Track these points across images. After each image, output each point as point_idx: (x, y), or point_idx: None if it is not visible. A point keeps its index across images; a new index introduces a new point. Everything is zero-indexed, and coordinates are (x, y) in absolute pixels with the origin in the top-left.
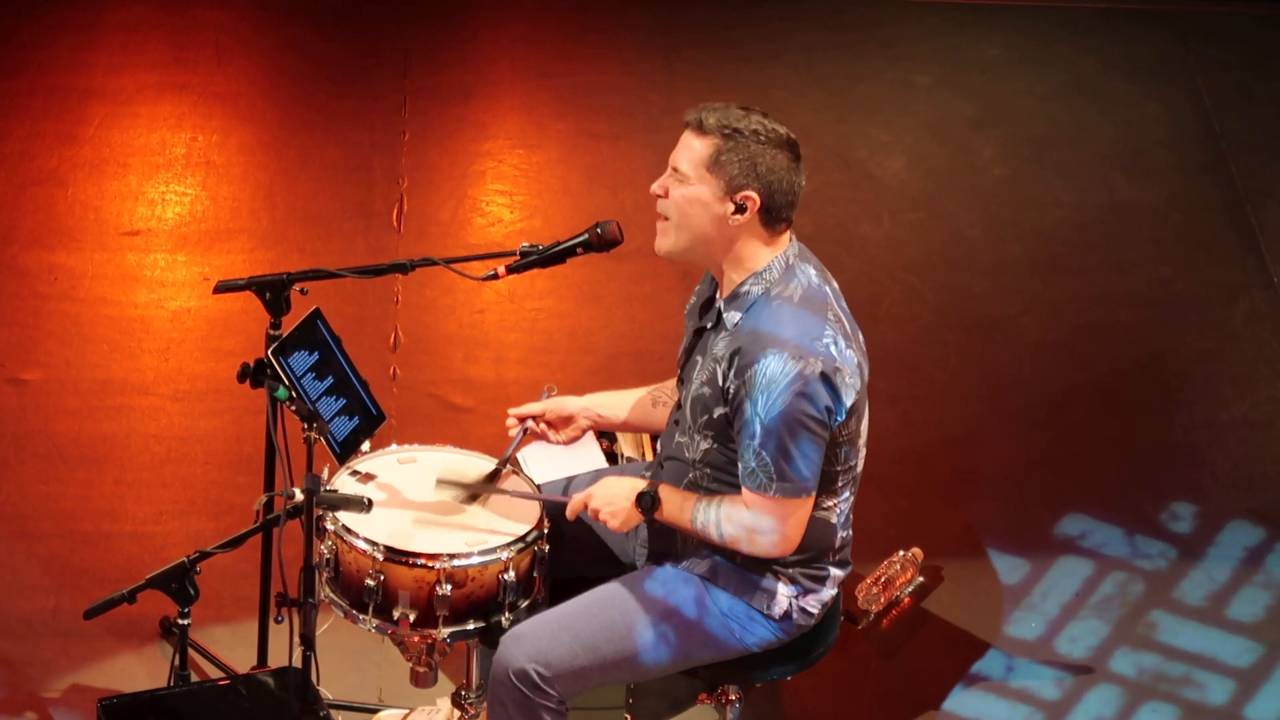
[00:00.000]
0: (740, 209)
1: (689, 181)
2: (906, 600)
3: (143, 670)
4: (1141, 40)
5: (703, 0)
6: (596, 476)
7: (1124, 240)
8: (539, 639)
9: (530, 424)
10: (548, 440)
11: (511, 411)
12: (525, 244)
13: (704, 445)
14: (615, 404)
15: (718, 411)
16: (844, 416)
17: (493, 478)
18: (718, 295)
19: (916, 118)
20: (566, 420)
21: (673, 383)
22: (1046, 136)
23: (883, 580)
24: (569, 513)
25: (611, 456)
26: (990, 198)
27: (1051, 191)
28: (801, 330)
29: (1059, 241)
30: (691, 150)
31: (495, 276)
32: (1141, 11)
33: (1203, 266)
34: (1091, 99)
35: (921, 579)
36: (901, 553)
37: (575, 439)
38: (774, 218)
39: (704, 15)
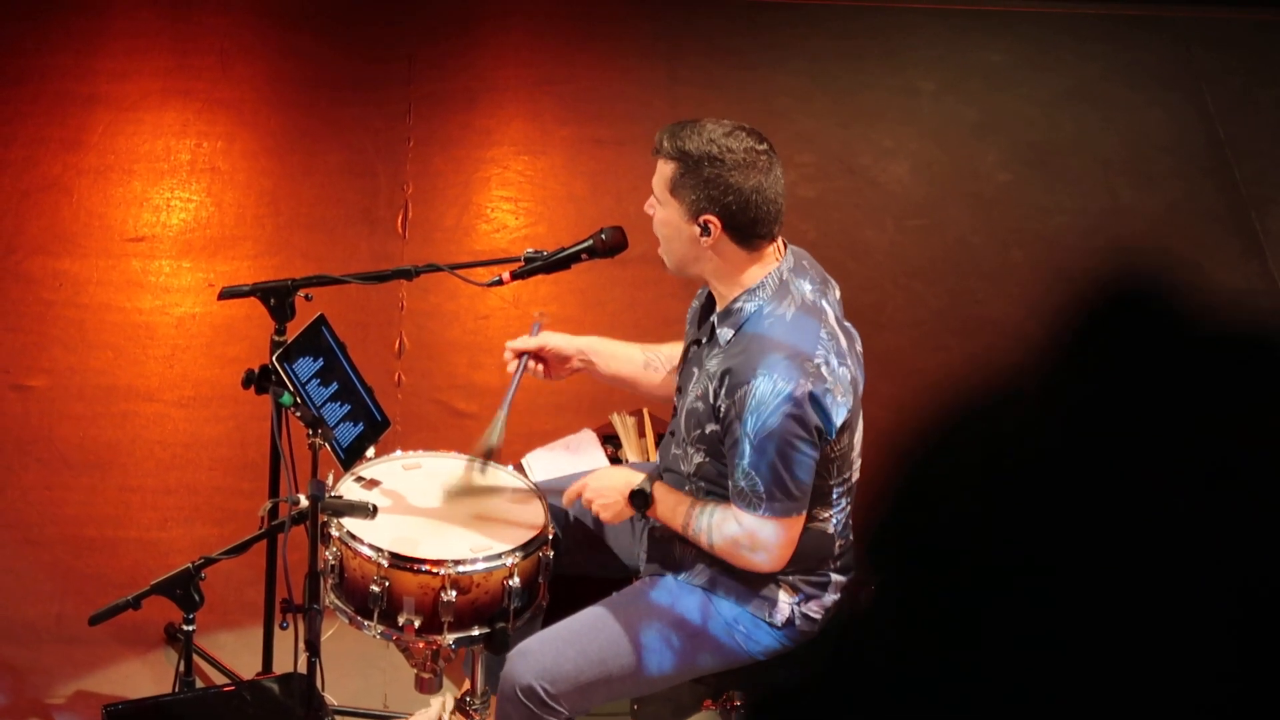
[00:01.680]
0: (705, 231)
1: (660, 204)
2: None
3: (147, 676)
4: (1144, 46)
5: (706, 7)
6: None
7: (1127, 246)
8: (545, 655)
9: (528, 360)
10: (539, 377)
11: (509, 345)
12: (530, 250)
13: (697, 459)
14: (609, 353)
15: (709, 428)
16: (834, 435)
17: (498, 424)
18: (715, 309)
19: (920, 124)
20: (562, 360)
21: (665, 348)
22: (1049, 142)
23: None
24: (565, 499)
25: (616, 462)
26: (993, 204)
27: (1054, 197)
28: (793, 350)
29: (1062, 247)
30: (658, 174)
31: (500, 282)
32: (1144, 17)
33: (1206, 272)
34: (1094, 105)
35: None
36: None
37: (566, 376)
38: (745, 235)
39: (707, 22)
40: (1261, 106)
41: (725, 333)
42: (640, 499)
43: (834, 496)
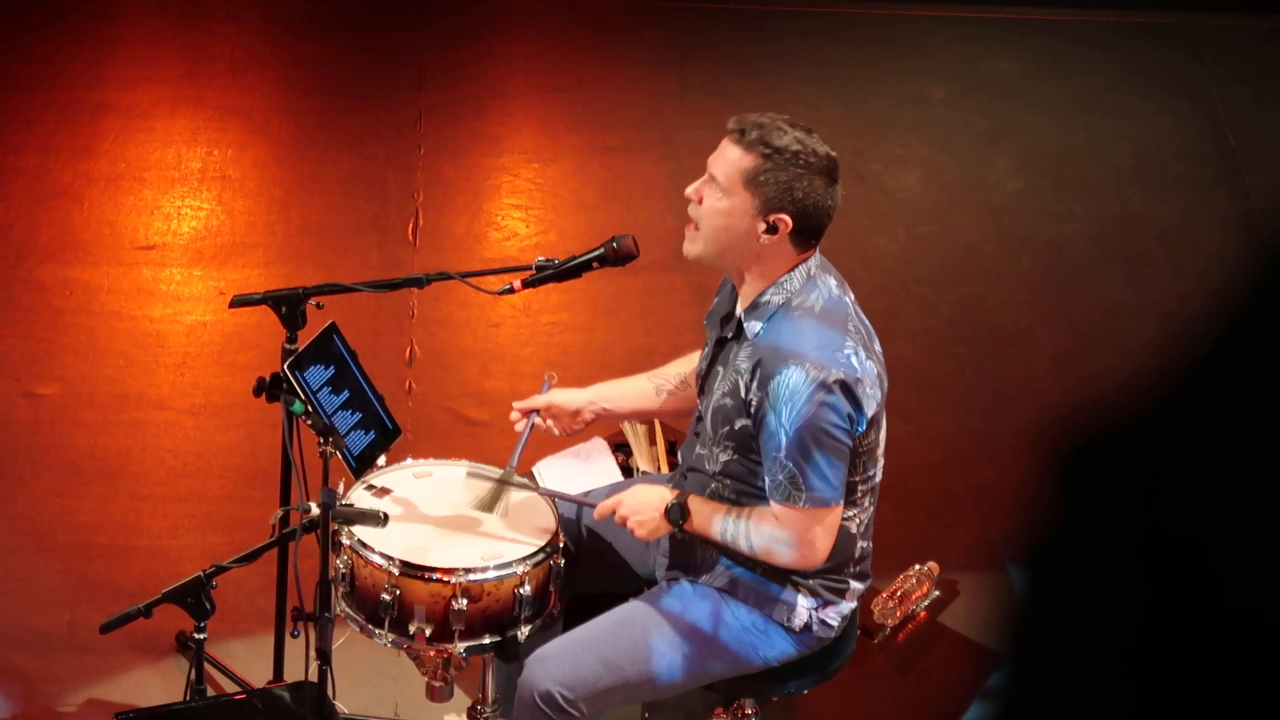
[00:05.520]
0: (772, 229)
1: (724, 193)
2: (922, 614)
3: (159, 685)
4: (1155, 54)
5: (716, 15)
6: (612, 490)
7: (1138, 254)
8: (563, 661)
9: (535, 419)
10: (553, 435)
11: (516, 405)
12: (540, 258)
13: (724, 457)
14: (618, 394)
15: (739, 423)
16: (864, 427)
17: (504, 480)
18: (738, 305)
19: (930, 131)
20: (572, 414)
21: (674, 370)
22: (1060, 150)
23: (898, 594)
24: (597, 514)
25: (626, 470)
26: (1004, 211)
27: (1065, 205)
28: (822, 342)
29: (1073, 255)
30: (730, 162)
31: (511, 291)
32: (1155, 25)
33: (1217, 280)
34: (1105, 112)
35: (937, 593)
36: (917, 566)
37: (579, 431)
38: (805, 238)
39: (718, 30)
40: (1272, 114)
41: (754, 325)
42: (677, 513)
43: (859, 494)
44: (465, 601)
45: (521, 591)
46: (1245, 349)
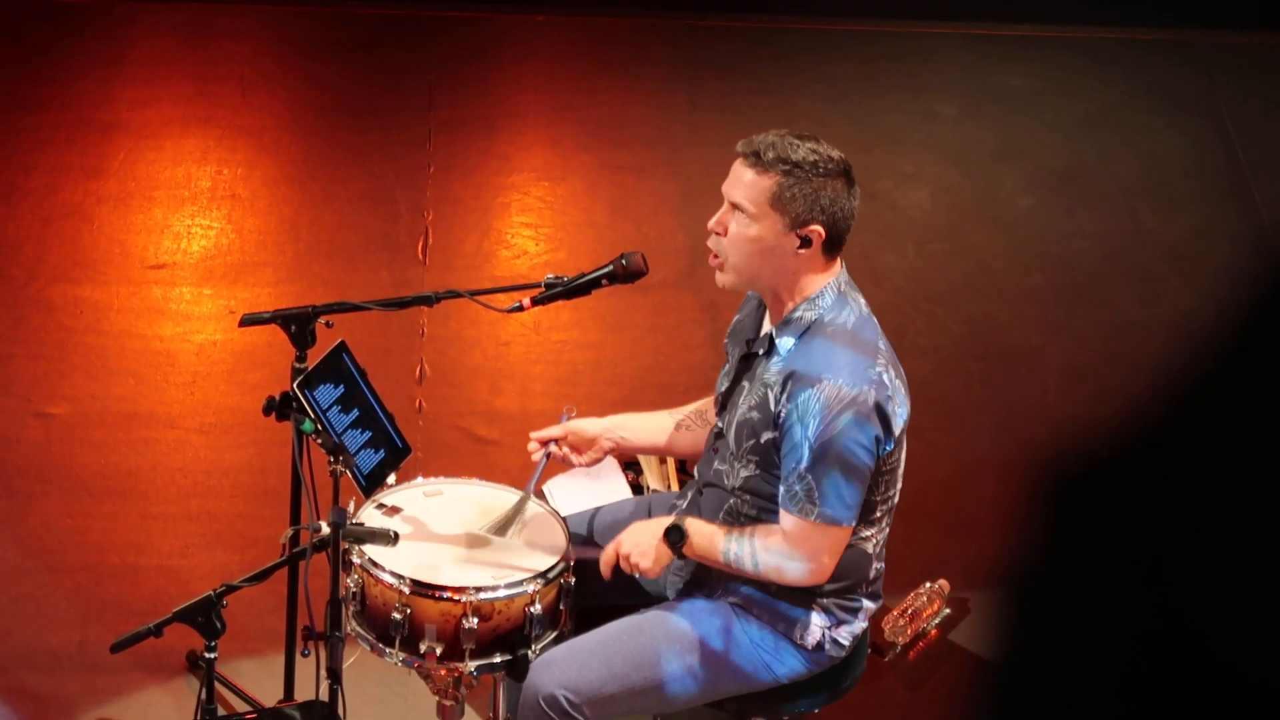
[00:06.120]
0: (805, 243)
1: (751, 219)
2: (933, 632)
3: (169, 704)
4: (1164, 70)
5: (726, 32)
6: (625, 509)
7: (1148, 270)
8: (569, 665)
9: (553, 448)
10: (570, 464)
11: (533, 435)
12: (550, 276)
13: (745, 472)
14: (637, 426)
15: (765, 436)
16: (891, 446)
17: (520, 507)
18: (768, 321)
19: (940, 148)
20: (589, 443)
21: (694, 407)
22: (1070, 167)
23: (909, 612)
24: (604, 569)
25: (636, 488)
26: (1014, 228)
27: (1075, 221)
28: (855, 358)
29: (1083, 272)
30: (750, 186)
31: (520, 308)
32: (1164, 41)
33: (1227, 296)
34: (1115, 129)
35: (948, 610)
36: (928, 584)
37: (598, 460)
38: (835, 246)
39: (727, 47)
40: None
41: (786, 341)
42: (676, 534)
43: (878, 514)
44: (476, 620)
45: (532, 610)
46: (1257, 364)
